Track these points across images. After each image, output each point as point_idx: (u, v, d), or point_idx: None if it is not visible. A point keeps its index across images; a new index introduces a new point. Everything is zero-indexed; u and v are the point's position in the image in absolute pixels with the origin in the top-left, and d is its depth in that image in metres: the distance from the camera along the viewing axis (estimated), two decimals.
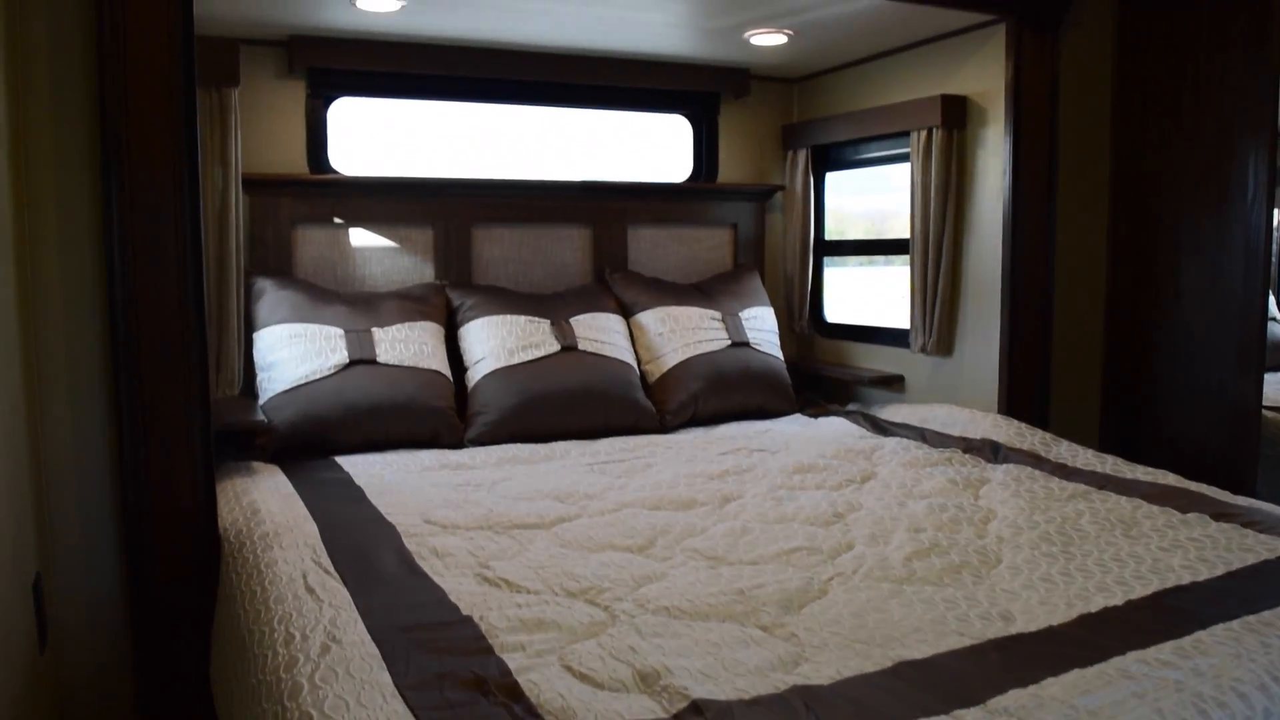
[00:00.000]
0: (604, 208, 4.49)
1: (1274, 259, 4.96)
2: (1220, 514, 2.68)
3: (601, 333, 4.01)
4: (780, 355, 4.40)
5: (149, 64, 2.52)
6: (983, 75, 3.88)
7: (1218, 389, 3.58)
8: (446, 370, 3.78)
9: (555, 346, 3.88)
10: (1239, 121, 3.44)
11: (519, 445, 3.61)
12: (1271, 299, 5.05)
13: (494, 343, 3.84)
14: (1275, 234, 3.62)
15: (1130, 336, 3.87)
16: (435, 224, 4.18)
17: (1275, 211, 3.52)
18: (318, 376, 3.55)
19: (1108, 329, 3.95)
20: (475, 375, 3.82)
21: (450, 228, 4.20)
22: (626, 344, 4.09)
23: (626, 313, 4.23)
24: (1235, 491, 3.04)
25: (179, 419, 2.62)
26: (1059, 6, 3.71)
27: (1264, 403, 3.65)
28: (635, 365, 4.06)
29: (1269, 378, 3.92)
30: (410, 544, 2.47)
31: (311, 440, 3.49)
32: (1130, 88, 3.80)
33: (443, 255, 4.19)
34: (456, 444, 3.63)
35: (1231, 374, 3.54)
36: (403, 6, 3.51)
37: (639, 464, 3.37)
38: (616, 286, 4.33)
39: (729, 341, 4.23)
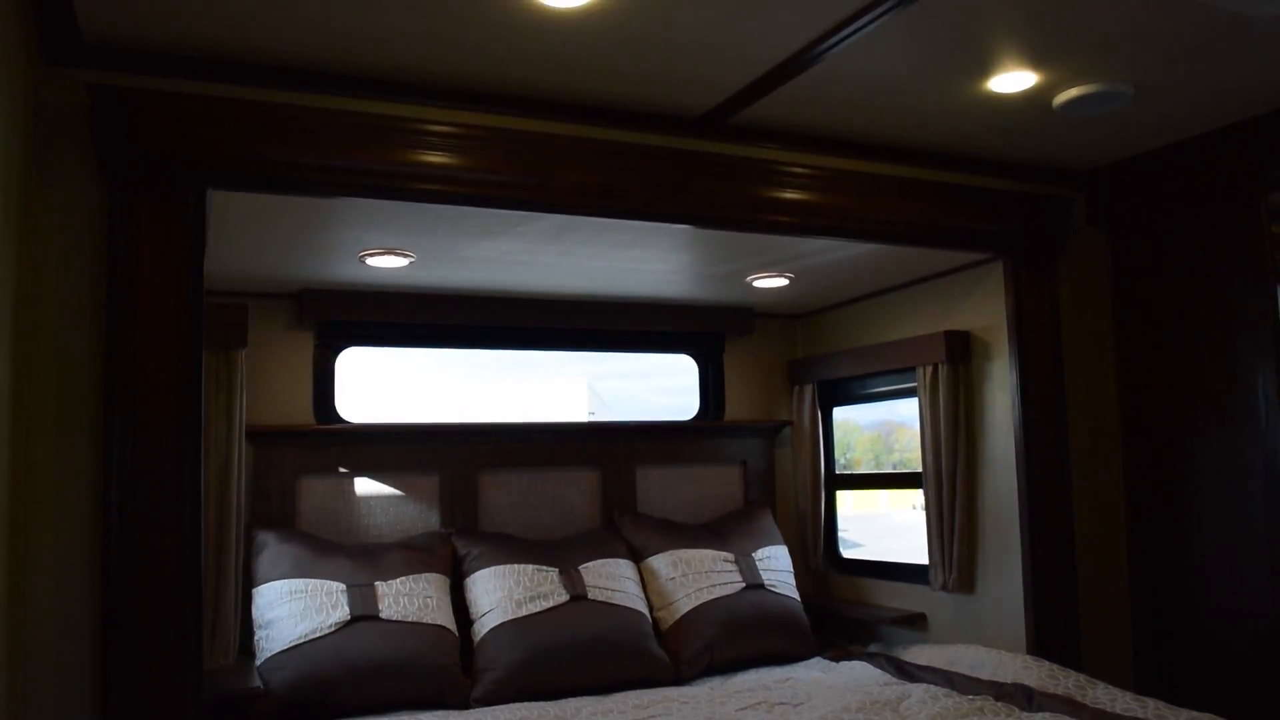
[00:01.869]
0: (611, 449, 4.47)
1: None
2: None
3: (612, 580, 3.90)
4: (796, 595, 4.27)
5: (158, 327, 2.55)
6: (984, 310, 3.93)
7: (1253, 614, 3.43)
8: (452, 624, 3.65)
9: (564, 596, 3.76)
10: (1242, 341, 3.44)
11: (527, 705, 3.42)
12: None
13: (501, 593, 3.73)
14: None
15: (1157, 565, 3.74)
16: (441, 470, 4.15)
17: None
18: (318, 635, 3.42)
19: (1132, 558, 3.83)
20: (482, 629, 3.68)
21: (456, 474, 4.16)
22: (638, 590, 3.97)
23: (637, 557, 4.13)
24: None
25: (170, 694, 2.50)
26: (1053, 243, 3.80)
27: None
28: (648, 613, 3.92)
29: None
30: None
31: (311, 703, 3.32)
32: (1130, 314, 3.84)
33: (448, 502, 4.14)
34: (462, 704, 3.46)
35: (1267, 598, 3.40)
36: (410, 263, 3.61)
37: None
38: (626, 530, 4.24)
39: (743, 584, 4.10)
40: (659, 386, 4.96)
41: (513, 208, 3.00)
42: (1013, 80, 2.85)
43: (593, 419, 5.21)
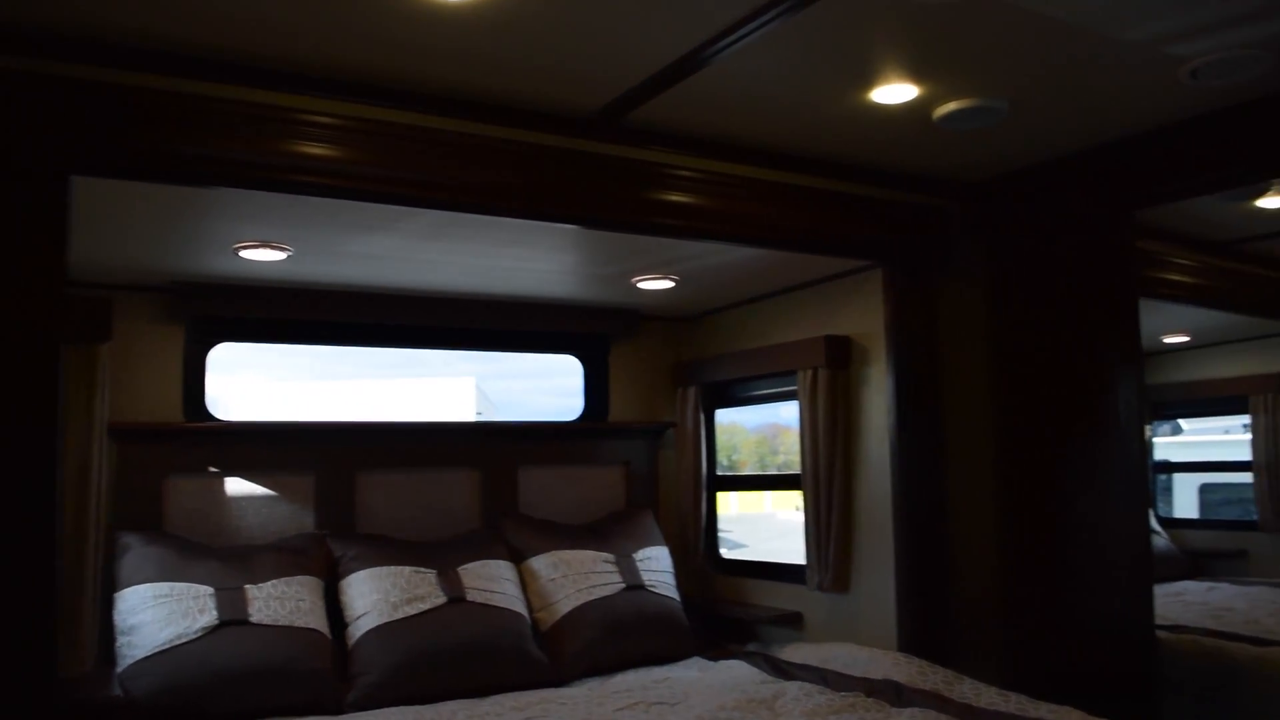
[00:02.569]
0: (493, 449, 4.42)
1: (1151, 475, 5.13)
2: None
3: (491, 581, 3.86)
4: (677, 596, 4.29)
5: (12, 320, 2.42)
6: (864, 316, 4.02)
7: (1113, 615, 3.58)
8: (325, 628, 3.56)
9: (442, 598, 3.70)
10: (1108, 349, 3.59)
11: (403, 709, 3.35)
12: (1149, 513, 5.21)
13: (377, 596, 3.65)
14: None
15: (1027, 565, 3.87)
16: (316, 470, 4.04)
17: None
18: (183, 640, 3.29)
19: (1003, 559, 3.96)
20: (356, 632, 3.60)
21: (332, 474, 4.07)
22: (517, 592, 3.94)
23: (518, 558, 4.09)
24: None
25: (17, 703, 2.37)
26: (932, 253, 3.90)
27: (1157, 622, 3.68)
28: (527, 614, 3.89)
29: (1158, 590, 3.97)
30: None
31: (176, 712, 3.19)
32: (1005, 322, 3.95)
33: (324, 503, 4.04)
34: (336, 709, 3.37)
35: (1125, 600, 3.56)
36: (288, 256, 3.51)
37: None
38: (507, 531, 4.21)
39: (624, 585, 4.11)
40: (548, 387, 4.95)
41: (394, 203, 2.94)
42: (895, 92, 2.91)
43: (480, 420, 5.15)
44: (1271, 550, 4.83)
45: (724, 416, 4.97)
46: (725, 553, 4.97)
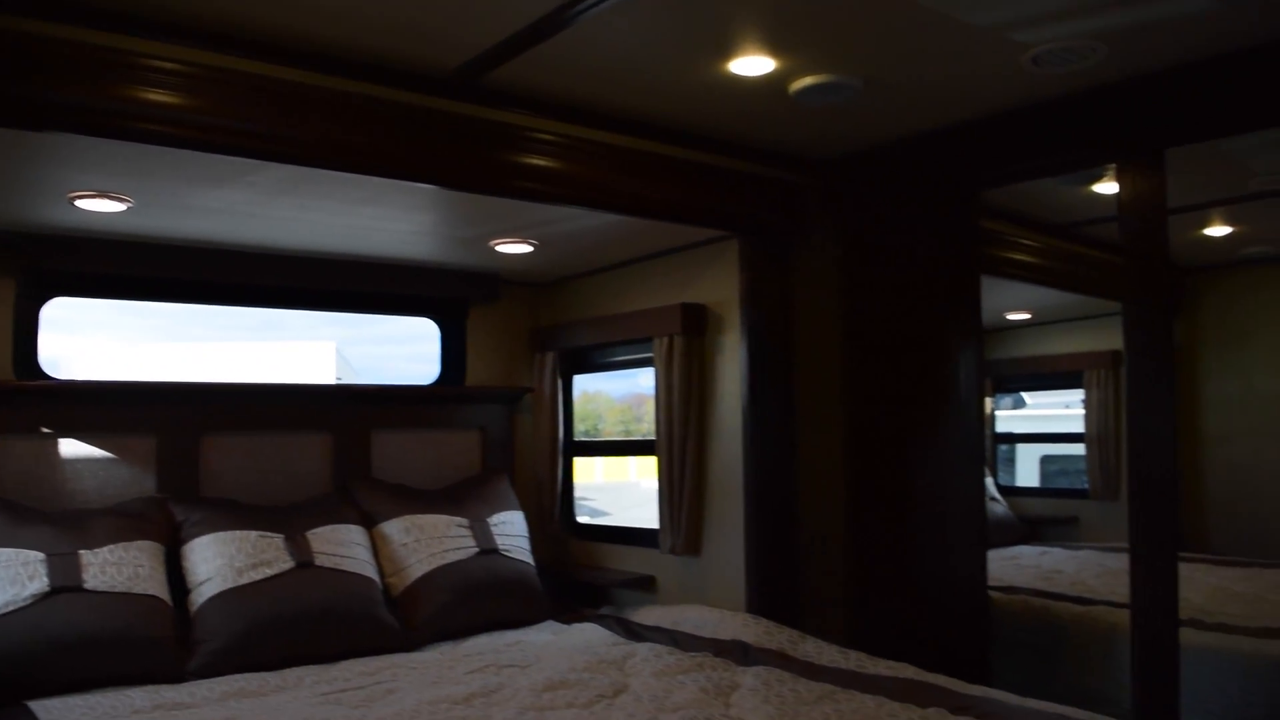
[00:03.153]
0: (346, 412, 4.34)
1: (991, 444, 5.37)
2: (958, 707, 2.76)
3: (341, 546, 3.80)
4: (531, 560, 4.30)
5: None
6: (720, 285, 4.08)
7: (950, 577, 3.75)
8: (166, 595, 3.45)
9: (289, 563, 3.63)
10: (952, 324, 3.74)
11: (247, 676, 3.28)
12: (990, 481, 5.48)
13: (221, 561, 3.55)
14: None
15: (872, 530, 4.02)
16: (158, 432, 3.90)
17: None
18: (11, 609, 3.14)
19: (848, 525, 4.10)
20: (199, 599, 3.50)
21: (175, 436, 3.92)
22: (368, 557, 3.89)
23: (369, 523, 4.04)
24: (974, 677, 3.17)
25: None
26: (787, 225, 3.98)
27: (991, 583, 3.88)
28: (378, 579, 3.85)
29: (992, 555, 4.18)
30: None
31: (6, 681, 3.05)
32: (857, 295, 4.06)
33: (166, 466, 3.90)
34: (176, 678, 3.27)
35: (961, 562, 3.73)
36: (128, 208, 3.36)
37: (380, 690, 3.13)
38: (359, 495, 4.14)
39: (477, 549, 4.10)
40: (410, 354, 4.88)
41: (243, 155, 2.84)
42: (752, 64, 2.95)
43: (332, 382, 5.04)
44: (1099, 517, 5.14)
45: (590, 385, 5.00)
46: (587, 519, 5.01)
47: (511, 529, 4.32)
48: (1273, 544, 4.46)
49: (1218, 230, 4.32)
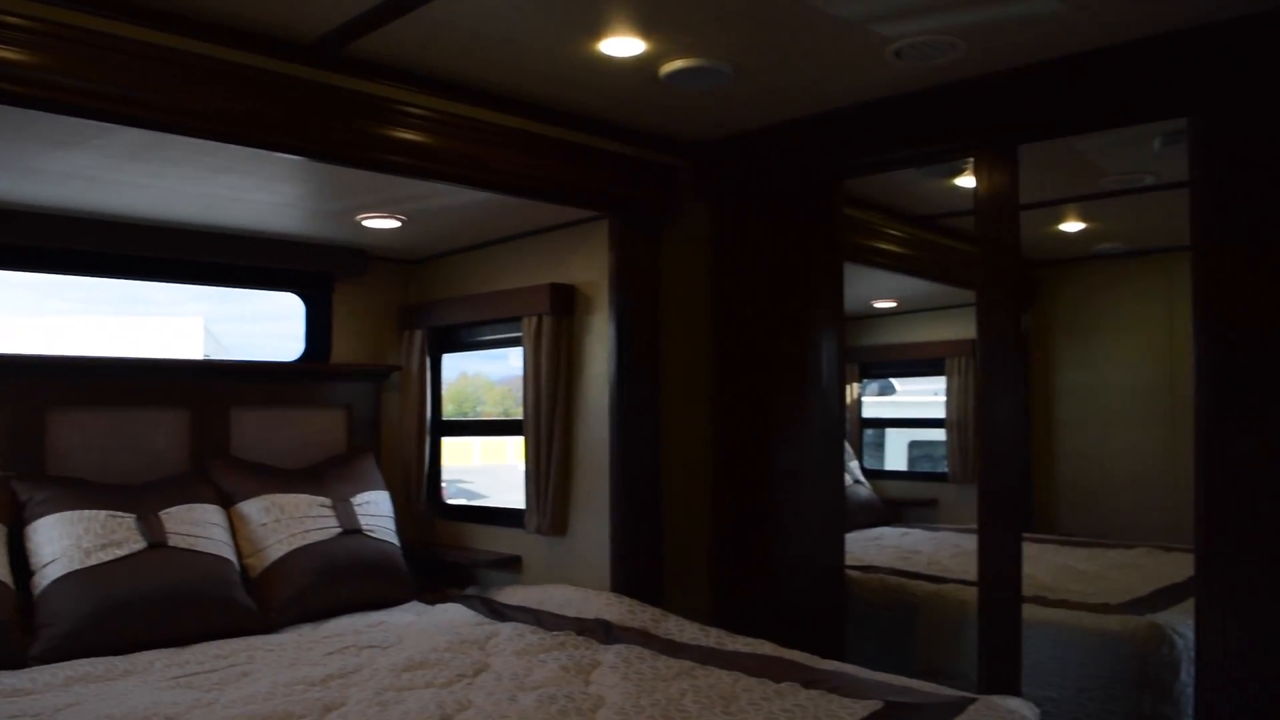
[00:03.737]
0: (205, 388, 4.20)
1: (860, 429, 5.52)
2: (810, 681, 2.85)
3: (196, 526, 3.68)
4: (396, 541, 4.25)
5: None
6: (590, 266, 4.09)
7: (809, 557, 3.84)
8: (8, 577, 3.30)
9: (141, 544, 3.50)
10: (816, 309, 3.81)
11: (94, 660, 3.16)
12: (855, 464, 5.64)
13: (67, 542, 3.41)
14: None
15: (735, 512, 4.08)
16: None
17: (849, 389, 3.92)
18: None
19: (712, 505, 4.16)
20: (43, 581, 3.35)
21: (17, 412, 3.74)
22: (226, 537, 3.78)
23: (227, 502, 3.92)
24: (829, 653, 3.27)
25: None
26: (658, 208, 4.00)
27: (851, 563, 3.99)
28: (235, 560, 3.74)
29: (855, 536, 4.30)
30: None
31: None
32: (726, 278, 4.12)
33: (8, 443, 3.71)
34: (18, 664, 3.13)
35: (820, 543, 3.82)
36: None
37: (234, 673, 3.06)
38: (216, 474, 4.02)
39: (340, 529, 4.02)
40: (282, 331, 4.75)
41: (93, 117, 2.70)
42: (623, 45, 2.95)
43: (190, 357, 4.87)
44: (958, 499, 5.33)
45: (469, 367, 4.95)
46: (463, 501, 4.97)
47: (376, 509, 4.25)
48: (1117, 525, 4.70)
49: (1072, 226, 4.52)
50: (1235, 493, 2.78)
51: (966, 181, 3.77)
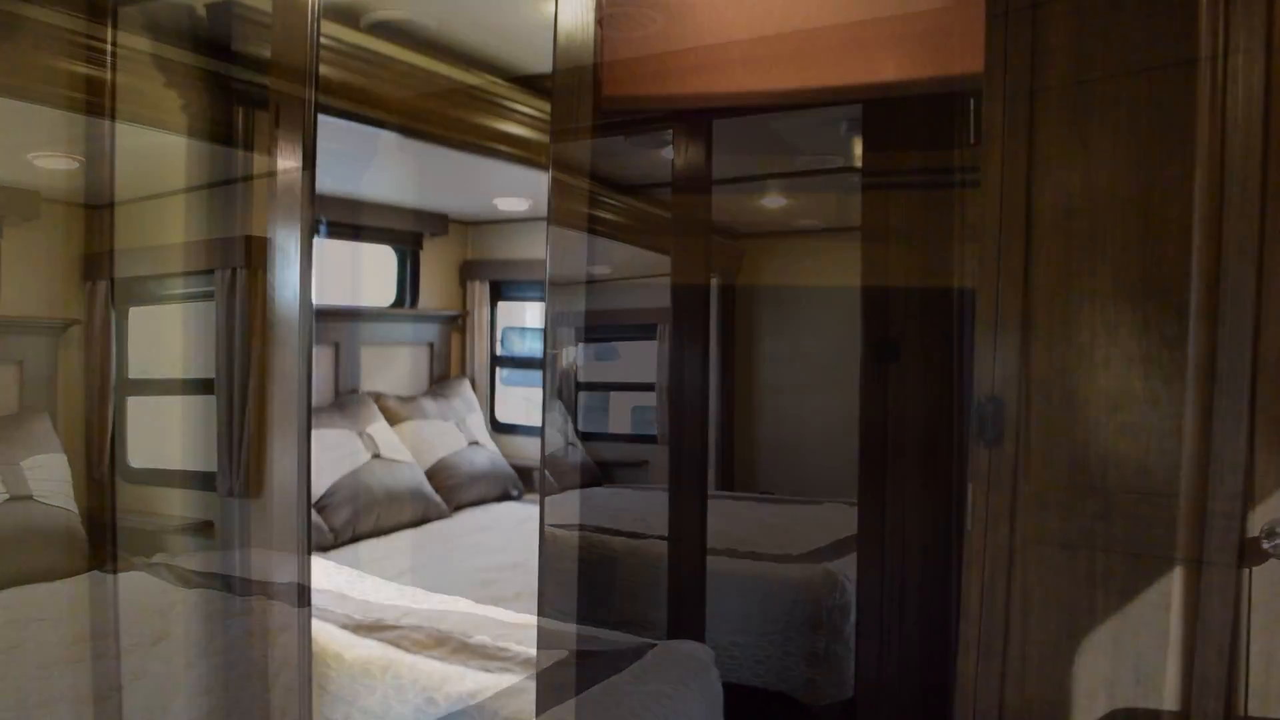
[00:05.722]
0: None
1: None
2: (501, 635, 2.90)
3: None
4: (74, 507, 3.96)
5: None
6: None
7: None
8: None
9: None
10: None
11: None
12: (570, 427, 5.76)
13: None
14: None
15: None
16: None
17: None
18: None
19: None
20: None
21: None
22: None
23: None
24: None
25: None
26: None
27: (558, 521, 4.10)
28: None
29: (569, 496, 4.40)
30: None
31: None
32: None
33: None
34: None
35: None
36: None
37: None
38: None
39: (7, 495, 3.72)
40: None
41: None
42: None
43: None
44: (665, 461, 5.55)
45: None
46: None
47: (49, 473, 3.95)
48: (810, 483, 5.04)
49: (773, 201, 4.78)
50: (886, 447, 3.06)
51: (668, 153, 3.91)
